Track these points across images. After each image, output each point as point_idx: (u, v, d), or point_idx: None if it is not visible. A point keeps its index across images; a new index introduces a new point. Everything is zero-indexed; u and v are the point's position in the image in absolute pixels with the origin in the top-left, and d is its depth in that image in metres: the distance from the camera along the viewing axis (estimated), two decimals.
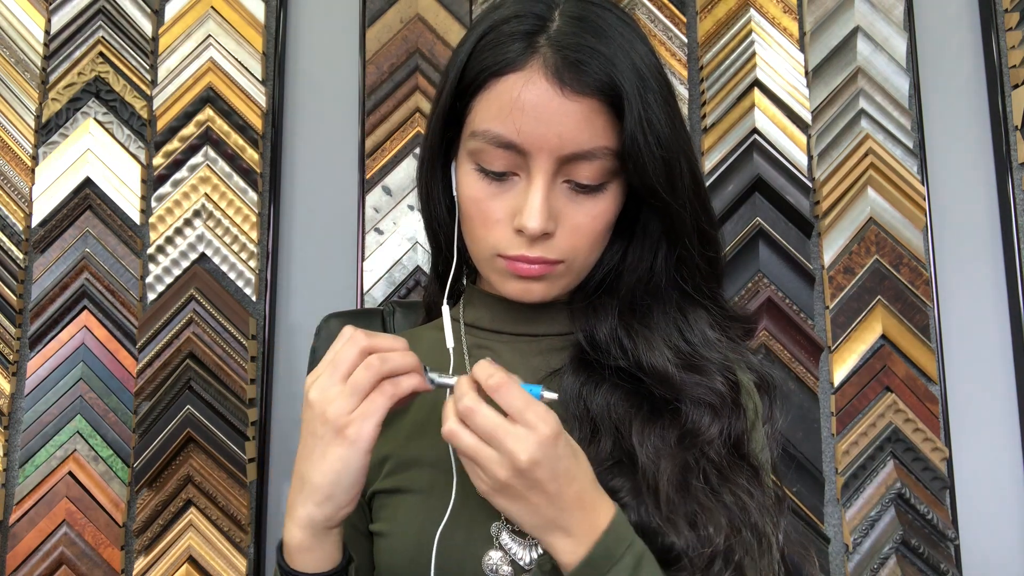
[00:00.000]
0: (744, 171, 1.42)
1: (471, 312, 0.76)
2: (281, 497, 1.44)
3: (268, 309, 1.44)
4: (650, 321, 0.69)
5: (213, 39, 1.47)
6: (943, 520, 1.35)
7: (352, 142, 1.50)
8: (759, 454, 0.69)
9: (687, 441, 0.65)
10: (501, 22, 0.63)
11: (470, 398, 0.55)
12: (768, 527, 0.64)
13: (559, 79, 0.60)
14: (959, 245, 1.46)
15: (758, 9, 1.46)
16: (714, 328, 0.70)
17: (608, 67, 0.61)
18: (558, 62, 0.60)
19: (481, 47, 0.63)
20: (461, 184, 0.67)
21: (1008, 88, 1.45)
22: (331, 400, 0.56)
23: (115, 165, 1.45)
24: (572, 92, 0.60)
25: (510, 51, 0.62)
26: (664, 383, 0.66)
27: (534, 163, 0.62)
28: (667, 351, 0.67)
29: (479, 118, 0.63)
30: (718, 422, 0.66)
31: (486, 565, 0.63)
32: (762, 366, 0.72)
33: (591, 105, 0.61)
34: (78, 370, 1.39)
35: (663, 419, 0.65)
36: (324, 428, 0.56)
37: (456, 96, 0.65)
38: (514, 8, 0.64)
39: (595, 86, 0.61)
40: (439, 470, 0.67)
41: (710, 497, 0.63)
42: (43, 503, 1.36)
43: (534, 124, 0.60)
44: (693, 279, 0.70)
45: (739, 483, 0.64)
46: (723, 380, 0.67)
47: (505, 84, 0.62)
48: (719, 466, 0.65)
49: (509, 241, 0.64)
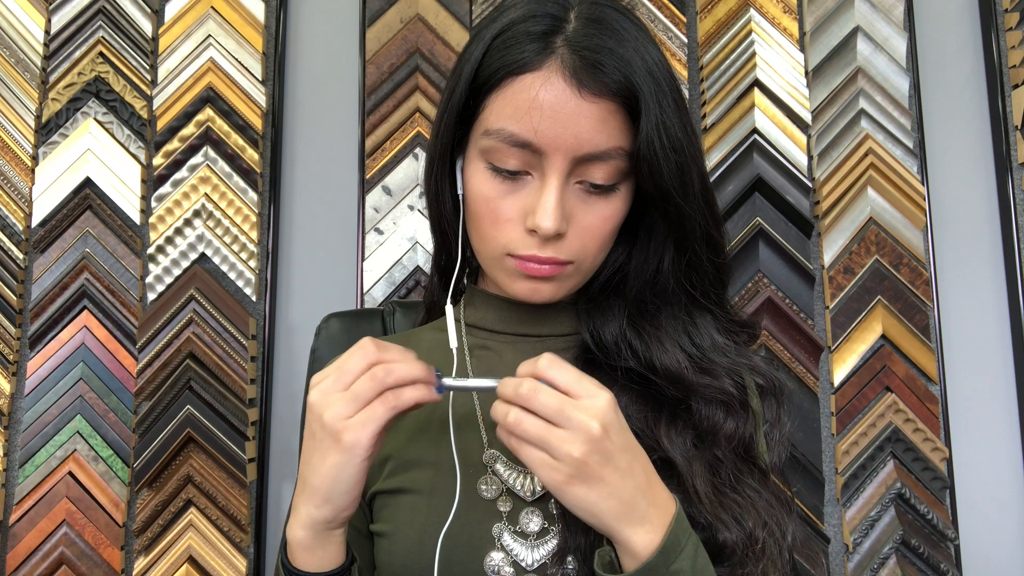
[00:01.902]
0: (744, 171, 1.42)
1: (473, 312, 0.76)
2: (281, 497, 1.44)
3: (268, 309, 1.44)
4: (659, 323, 0.69)
5: (213, 39, 1.47)
6: (943, 520, 1.35)
7: (352, 142, 1.50)
8: (764, 456, 0.70)
9: (707, 440, 0.65)
10: (517, 21, 0.63)
11: (529, 382, 0.54)
12: (779, 527, 0.64)
13: (577, 80, 0.60)
14: (959, 245, 1.46)
15: (758, 9, 1.46)
16: (721, 333, 0.71)
17: (625, 69, 0.61)
18: (576, 63, 0.61)
19: (496, 46, 0.63)
20: (470, 182, 0.67)
21: (1008, 88, 1.45)
22: (330, 404, 0.55)
23: (115, 165, 1.45)
24: (590, 93, 0.60)
25: (527, 50, 0.62)
26: (677, 383, 0.67)
27: (549, 163, 0.62)
28: (679, 353, 0.68)
29: (493, 116, 0.63)
30: (732, 420, 0.66)
31: (488, 566, 0.63)
32: (770, 370, 0.72)
33: (608, 107, 0.61)
34: (78, 370, 1.39)
35: (680, 420, 0.66)
36: (322, 432, 0.56)
37: (470, 94, 0.65)
38: (528, 8, 0.64)
39: (613, 88, 0.61)
40: (440, 471, 0.67)
41: (737, 493, 0.63)
42: (43, 503, 1.36)
43: (551, 124, 0.61)
44: (702, 284, 0.70)
45: (749, 483, 0.65)
46: (732, 382, 0.67)
47: (522, 83, 0.62)
48: (734, 466, 0.65)
49: (520, 240, 0.64)
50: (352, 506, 0.58)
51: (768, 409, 0.72)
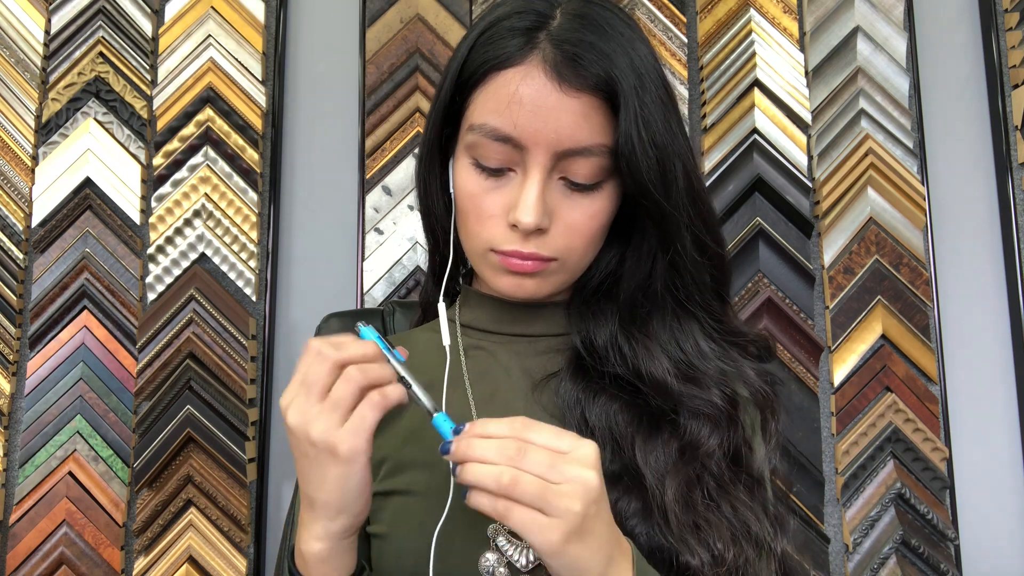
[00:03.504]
0: (744, 171, 1.42)
1: (467, 313, 0.76)
2: (281, 497, 1.44)
3: (268, 309, 1.44)
4: (649, 329, 0.69)
5: (213, 39, 1.47)
6: (943, 520, 1.35)
7: (352, 142, 1.50)
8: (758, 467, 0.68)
9: (688, 454, 0.64)
10: (502, 18, 0.64)
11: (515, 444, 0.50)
12: (767, 539, 0.63)
13: (557, 74, 0.60)
14: (959, 245, 1.46)
15: (758, 9, 1.46)
16: (708, 339, 0.69)
17: (606, 64, 0.61)
18: (557, 57, 0.61)
19: (482, 42, 0.64)
20: (457, 179, 0.67)
21: (1008, 88, 1.45)
22: (311, 421, 0.53)
23: (115, 165, 1.45)
24: (570, 88, 0.60)
25: (510, 46, 0.62)
26: (662, 393, 0.66)
27: (530, 158, 0.62)
28: (665, 360, 0.67)
29: (477, 112, 0.64)
30: (717, 434, 0.65)
31: (482, 567, 0.63)
32: (760, 382, 0.70)
33: (589, 102, 0.61)
34: (78, 370, 1.39)
35: (663, 433, 0.65)
36: (314, 450, 0.53)
37: (456, 90, 0.65)
38: (516, 4, 0.64)
39: (593, 82, 0.61)
40: (435, 472, 0.67)
41: (712, 511, 0.62)
42: (43, 503, 1.36)
43: (531, 118, 0.61)
44: (685, 286, 0.68)
45: (737, 496, 0.64)
46: (719, 393, 0.66)
47: (504, 78, 0.62)
48: (719, 479, 0.64)
49: (503, 236, 0.64)
50: (367, 509, 0.57)
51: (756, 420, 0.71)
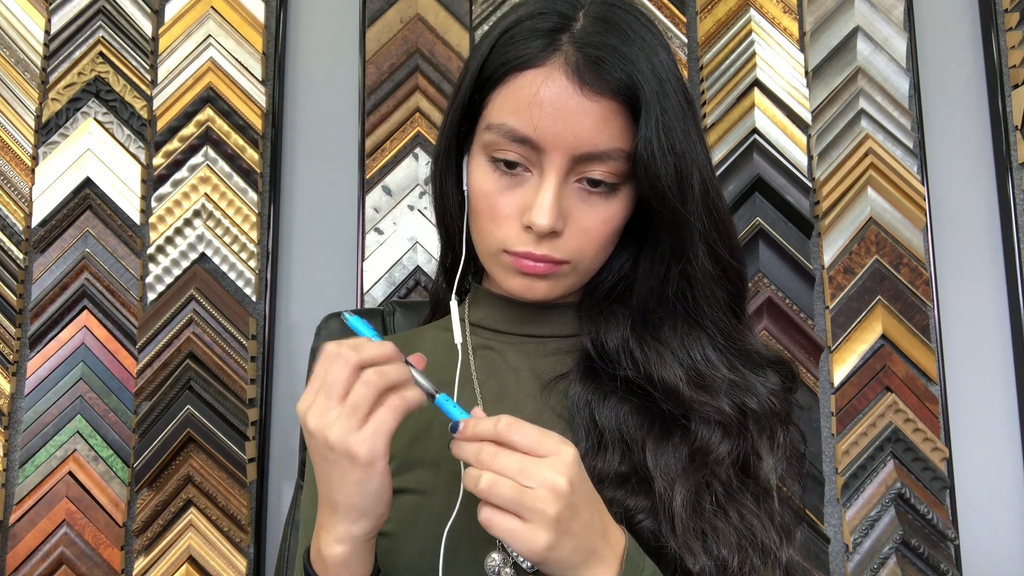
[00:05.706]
0: (744, 171, 1.42)
1: (477, 312, 0.76)
2: (281, 497, 1.44)
3: (268, 309, 1.44)
4: (661, 334, 0.68)
5: (213, 39, 1.47)
6: (943, 520, 1.35)
7: (352, 142, 1.50)
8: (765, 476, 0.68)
9: (698, 460, 0.64)
10: (525, 18, 0.64)
11: (489, 447, 0.53)
12: (772, 547, 0.63)
13: (579, 77, 0.60)
14: (959, 245, 1.46)
15: (758, 9, 1.46)
16: (717, 350, 0.69)
17: (628, 68, 0.61)
18: (579, 60, 0.60)
19: (503, 42, 0.64)
20: (472, 178, 0.67)
21: (1008, 88, 1.45)
22: (331, 424, 0.53)
23: (115, 165, 1.45)
24: (591, 91, 0.60)
25: (531, 47, 0.62)
26: (674, 399, 0.65)
27: (547, 160, 0.62)
28: (677, 367, 0.66)
29: (496, 111, 0.63)
30: (727, 442, 0.65)
31: (488, 567, 0.63)
32: (768, 395, 0.68)
33: (609, 106, 0.61)
34: (78, 370, 1.39)
35: (674, 437, 0.65)
36: (333, 454, 0.53)
37: (475, 89, 0.65)
38: (538, 5, 0.64)
39: (614, 87, 0.60)
40: (442, 471, 0.67)
41: (719, 517, 0.62)
42: (43, 503, 1.36)
43: (551, 121, 0.60)
44: (695, 299, 0.68)
45: (745, 503, 0.64)
46: (729, 402, 0.66)
47: (524, 79, 0.62)
48: (727, 486, 0.64)
49: (517, 237, 0.64)
50: (387, 511, 0.57)
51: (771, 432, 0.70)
